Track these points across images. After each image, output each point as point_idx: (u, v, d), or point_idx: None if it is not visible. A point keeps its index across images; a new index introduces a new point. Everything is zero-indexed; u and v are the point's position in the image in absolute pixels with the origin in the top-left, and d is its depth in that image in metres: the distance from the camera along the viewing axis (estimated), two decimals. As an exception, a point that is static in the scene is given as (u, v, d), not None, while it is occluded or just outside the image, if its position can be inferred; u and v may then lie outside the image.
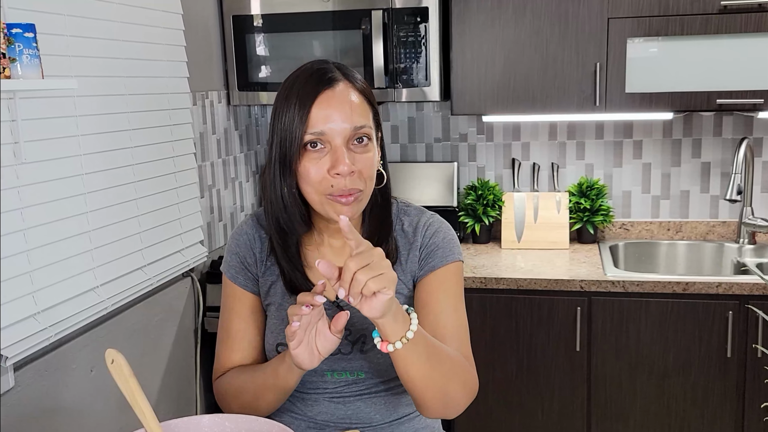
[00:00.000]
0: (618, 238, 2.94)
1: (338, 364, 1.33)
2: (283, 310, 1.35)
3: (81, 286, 1.83)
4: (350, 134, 1.22)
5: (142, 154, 2.10)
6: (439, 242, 1.37)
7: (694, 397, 2.41)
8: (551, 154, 2.97)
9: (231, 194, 2.77)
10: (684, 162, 2.88)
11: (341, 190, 1.21)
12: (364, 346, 1.33)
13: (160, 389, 2.26)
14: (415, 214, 1.41)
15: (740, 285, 2.31)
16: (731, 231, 2.86)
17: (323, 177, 1.22)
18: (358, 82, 1.28)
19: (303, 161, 1.22)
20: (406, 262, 1.37)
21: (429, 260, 1.35)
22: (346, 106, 1.23)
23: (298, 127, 1.21)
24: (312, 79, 1.24)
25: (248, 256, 1.38)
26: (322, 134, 1.21)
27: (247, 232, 1.40)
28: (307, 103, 1.22)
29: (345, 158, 1.20)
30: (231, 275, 1.40)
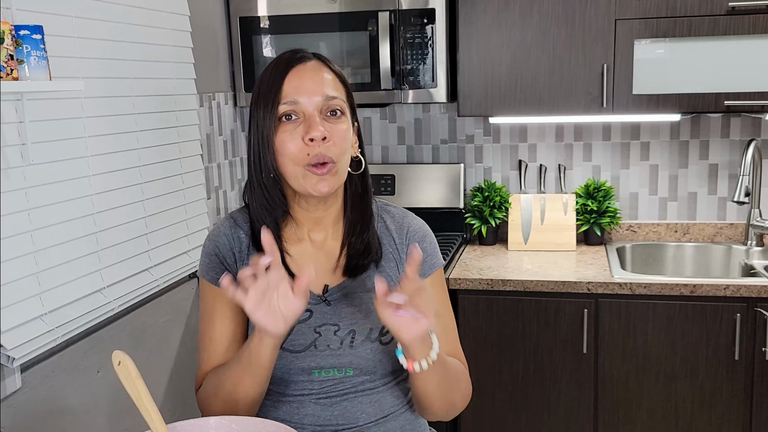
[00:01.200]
0: (625, 239, 2.94)
1: (326, 361, 1.32)
2: None
3: (88, 287, 1.84)
4: (322, 104, 1.26)
5: (149, 156, 2.10)
6: (428, 249, 1.41)
7: (702, 399, 2.40)
8: (558, 155, 2.96)
9: (237, 195, 2.77)
10: (691, 164, 2.87)
11: (316, 156, 1.24)
12: (353, 341, 1.32)
13: (167, 390, 2.26)
14: (398, 214, 1.43)
15: (748, 287, 2.30)
16: (739, 233, 2.85)
17: (300, 147, 1.25)
18: (332, 65, 1.32)
19: (279, 134, 1.26)
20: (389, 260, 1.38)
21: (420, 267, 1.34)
22: (317, 77, 1.27)
23: (271, 101, 1.25)
24: (284, 58, 1.30)
25: (228, 256, 1.36)
26: (295, 103, 1.25)
27: (225, 233, 1.38)
28: (279, 79, 1.27)
29: (318, 125, 1.24)
30: (210, 277, 1.36)
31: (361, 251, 1.35)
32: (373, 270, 1.36)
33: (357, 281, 1.35)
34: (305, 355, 1.31)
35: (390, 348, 1.33)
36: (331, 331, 1.32)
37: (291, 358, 1.31)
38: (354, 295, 1.34)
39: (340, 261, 1.36)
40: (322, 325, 1.32)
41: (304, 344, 1.31)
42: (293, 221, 1.37)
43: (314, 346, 1.31)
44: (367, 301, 1.33)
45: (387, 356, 1.33)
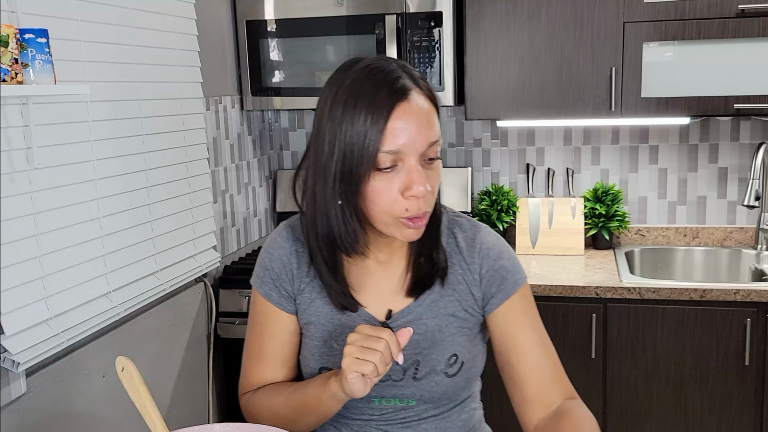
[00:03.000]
0: (634, 244, 2.91)
1: (388, 391, 1.25)
2: (326, 331, 1.26)
3: (93, 291, 1.83)
4: (425, 150, 1.11)
5: (155, 159, 2.10)
6: (507, 265, 1.26)
7: (712, 405, 2.37)
8: (566, 159, 2.94)
9: (244, 199, 2.76)
10: (701, 167, 2.85)
11: (416, 213, 1.12)
12: (417, 373, 1.24)
13: (173, 395, 2.25)
14: (470, 228, 1.29)
15: (759, 292, 2.28)
16: (749, 237, 2.82)
17: (395, 199, 1.11)
18: (425, 87, 1.15)
19: (372, 181, 1.10)
20: (458, 283, 1.26)
21: (502, 288, 1.25)
22: (422, 119, 1.11)
23: (370, 144, 1.08)
24: (383, 87, 1.10)
25: (283, 272, 1.27)
26: (397, 152, 1.09)
27: (282, 246, 1.28)
28: (381, 117, 1.08)
29: (421, 178, 1.10)
30: (264, 292, 1.29)
31: (429, 271, 1.25)
32: (438, 288, 1.25)
33: (422, 306, 1.25)
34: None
35: (457, 380, 1.25)
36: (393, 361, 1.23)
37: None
38: (419, 322, 1.24)
39: (404, 281, 1.26)
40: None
41: None
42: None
43: None
44: (433, 328, 1.24)
45: (453, 388, 1.26)
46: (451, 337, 1.25)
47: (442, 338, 1.24)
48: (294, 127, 3.11)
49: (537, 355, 1.24)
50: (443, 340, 1.24)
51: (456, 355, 1.24)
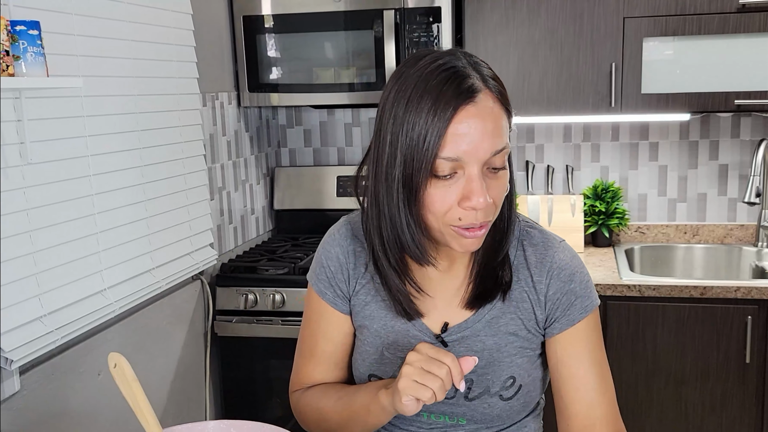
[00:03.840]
0: (634, 241, 2.90)
1: (438, 407, 1.19)
2: (379, 338, 1.20)
3: (88, 288, 1.81)
4: (488, 159, 1.02)
5: (151, 156, 2.08)
6: (578, 289, 1.16)
7: (713, 403, 2.36)
8: (566, 156, 2.93)
9: (241, 196, 2.74)
10: (701, 164, 2.83)
11: (471, 224, 1.04)
12: (469, 392, 1.17)
13: (170, 393, 2.23)
14: (542, 243, 1.19)
15: (759, 289, 2.26)
16: (749, 234, 2.80)
17: (450, 207, 1.03)
18: (495, 87, 1.05)
19: (429, 188, 1.03)
20: (522, 300, 1.18)
21: (568, 313, 1.16)
22: (489, 124, 1.02)
23: (429, 149, 1.00)
24: (449, 87, 1.01)
25: (339, 272, 1.22)
26: (458, 159, 1.01)
27: (341, 244, 1.23)
28: (442, 120, 1.00)
29: (481, 190, 1.02)
30: (319, 289, 1.24)
31: (492, 284, 1.17)
32: (499, 304, 1.17)
33: (481, 322, 1.17)
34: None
35: (512, 404, 1.18)
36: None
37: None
38: (476, 338, 1.17)
39: (464, 292, 1.18)
40: None
41: None
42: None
43: None
44: (491, 347, 1.16)
45: (507, 411, 1.18)
46: (510, 358, 1.17)
47: (500, 358, 1.16)
48: (292, 124, 3.09)
49: (592, 390, 1.15)
50: (501, 360, 1.16)
51: (514, 378, 1.17)
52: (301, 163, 3.10)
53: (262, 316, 2.44)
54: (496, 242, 1.15)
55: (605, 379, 1.18)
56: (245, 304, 2.43)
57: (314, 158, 3.09)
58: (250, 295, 2.43)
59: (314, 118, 3.07)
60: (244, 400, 2.53)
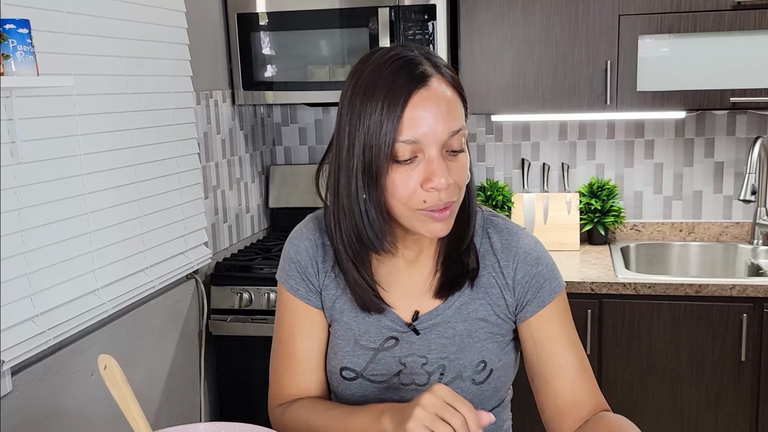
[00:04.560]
0: (629, 239, 2.89)
1: (410, 395, 1.18)
2: (350, 330, 1.21)
3: (81, 288, 1.80)
4: (446, 140, 1.05)
5: (144, 154, 2.07)
6: (545, 272, 1.21)
7: (708, 401, 2.35)
8: (561, 154, 2.92)
9: (236, 195, 2.73)
10: (696, 162, 2.82)
11: (434, 205, 1.06)
12: (442, 378, 1.18)
13: (164, 393, 2.22)
14: (505, 230, 1.23)
15: (755, 287, 2.26)
16: (745, 232, 2.80)
17: (413, 191, 1.05)
18: (447, 74, 1.09)
19: (391, 174, 1.05)
20: (491, 286, 1.20)
21: (538, 295, 1.19)
22: (442, 107, 1.05)
23: (387, 134, 1.03)
24: (401, 74, 1.05)
25: (309, 265, 1.22)
26: (416, 142, 1.04)
27: (308, 238, 1.23)
28: (397, 106, 1.03)
29: (442, 170, 1.04)
30: (290, 286, 1.23)
31: (458, 272, 1.19)
32: (468, 290, 1.20)
33: (451, 309, 1.19)
34: (387, 387, 1.20)
35: (484, 388, 1.20)
36: (418, 364, 1.18)
37: (372, 388, 1.20)
38: (447, 324, 1.19)
39: (432, 282, 1.20)
40: (409, 355, 1.19)
41: (386, 375, 1.20)
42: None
43: (398, 378, 1.19)
44: (461, 332, 1.19)
45: (480, 397, 1.20)
46: (481, 343, 1.19)
47: (471, 343, 1.19)
48: (287, 122, 3.08)
49: (573, 367, 1.18)
50: (472, 345, 1.19)
51: (485, 362, 1.19)
52: (296, 161, 3.09)
53: (257, 315, 2.43)
54: (460, 230, 1.17)
55: (583, 356, 1.21)
56: (240, 303, 2.43)
57: (309, 156, 3.08)
58: (245, 294, 2.43)
59: (309, 116, 3.06)
60: (239, 400, 2.52)
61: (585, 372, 1.19)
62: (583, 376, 1.19)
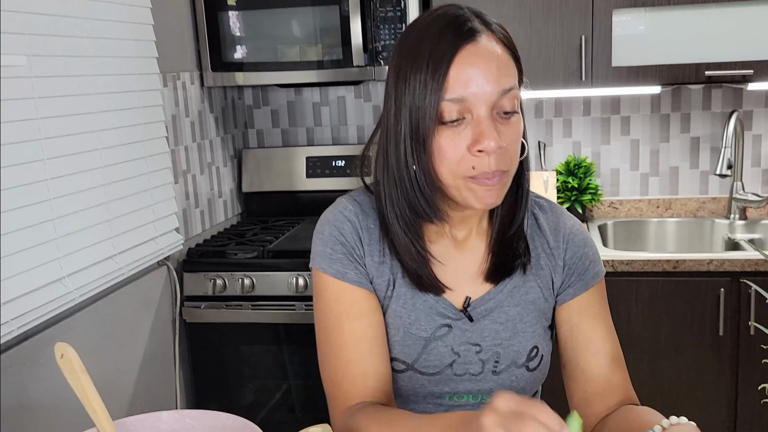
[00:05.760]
0: (606, 216, 2.88)
1: (463, 386, 1.12)
2: (400, 318, 1.12)
3: (46, 276, 1.75)
4: (496, 100, 0.99)
5: (110, 138, 2.01)
6: (591, 254, 1.16)
7: (687, 377, 2.35)
8: (538, 132, 2.89)
9: (208, 180, 2.68)
10: (673, 137, 2.81)
11: (484, 172, 0.99)
12: (497, 365, 1.12)
13: (137, 382, 2.18)
14: (551, 211, 1.18)
15: (732, 261, 2.25)
16: (722, 207, 2.79)
17: (462, 156, 0.99)
18: (498, 31, 1.03)
19: (438, 137, 0.99)
20: (540, 268, 1.15)
21: (582, 277, 1.15)
22: (492, 64, 0.98)
23: (433, 93, 0.97)
24: (448, 31, 0.99)
25: (357, 247, 1.12)
26: (463, 101, 0.98)
27: (351, 221, 1.13)
28: (443, 62, 0.97)
29: (491, 131, 0.98)
30: (336, 271, 1.11)
31: (510, 254, 1.13)
32: (520, 276, 1.14)
33: (504, 293, 1.14)
34: (439, 379, 1.12)
35: (536, 375, 1.15)
36: (472, 352, 1.12)
37: (422, 381, 1.12)
38: (500, 309, 1.13)
39: (483, 265, 1.14)
40: (462, 344, 1.12)
41: (439, 366, 1.12)
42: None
43: (451, 369, 1.12)
44: (515, 317, 1.13)
45: (531, 383, 1.15)
46: (533, 328, 1.14)
47: (524, 328, 1.14)
48: (258, 104, 3.02)
49: (608, 355, 1.14)
50: (525, 330, 1.14)
51: (537, 347, 1.14)
52: (269, 144, 3.04)
53: (232, 302, 2.39)
54: (513, 210, 1.12)
55: (617, 346, 1.16)
56: (213, 289, 2.38)
57: (283, 139, 3.03)
58: (219, 280, 2.38)
59: (281, 98, 3.00)
60: (215, 387, 2.48)
61: (618, 362, 1.15)
62: (617, 366, 1.14)
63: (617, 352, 1.16)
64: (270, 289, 2.36)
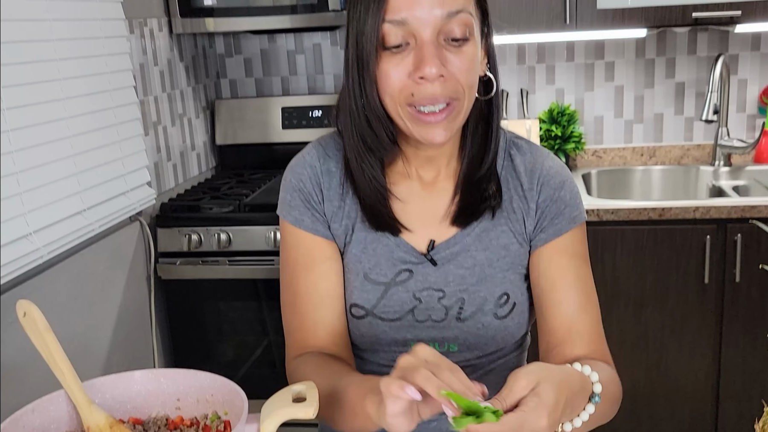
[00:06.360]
0: (590, 165, 2.83)
1: (426, 333, 1.08)
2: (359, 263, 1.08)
3: (11, 233, 1.66)
4: (442, 24, 0.93)
5: (74, 87, 1.90)
6: (567, 198, 1.08)
7: (672, 325, 2.33)
8: (520, 79, 2.81)
9: (179, 132, 2.58)
10: (657, 83, 2.75)
11: (424, 98, 0.94)
12: (461, 312, 1.07)
13: (113, 341, 2.11)
14: (530, 151, 1.11)
15: (718, 208, 2.22)
16: (706, 154, 2.75)
17: (403, 83, 0.95)
18: None
19: (381, 64, 0.95)
20: (512, 211, 1.09)
21: (555, 221, 1.07)
22: None
23: (374, 15, 0.93)
24: None
25: (314, 193, 1.09)
26: (405, 23, 0.93)
27: (312, 165, 1.10)
28: None
29: (432, 57, 0.93)
30: (293, 218, 1.09)
31: (479, 197, 1.07)
32: (489, 219, 1.08)
33: (471, 237, 1.08)
34: (400, 325, 1.08)
35: (507, 324, 1.08)
36: (435, 298, 1.08)
37: (383, 327, 1.08)
38: (466, 254, 1.08)
39: (451, 207, 1.09)
40: (424, 289, 1.08)
41: (399, 312, 1.08)
42: (400, 154, 1.08)
43: (412, 315, 1.08)
44: (482, 262, 1.07)
45: (502, 332, 1.09)
46: (503, 274, 1.08)
47: (493, 274, 1.08)
48: (231, 52, 2.90)
49: (573, 306, 1.06)
50: (494, 276, 1.08)
51: (507, 294, 1.08)
52: (242, 94, 2.93)
53: (208, 257, 2.32)
54: (481, 150, 1.07)
55: (589, 297, 1.08)
56: (189, 245, 2.30)
57: (257, 89, 2.92)
58: (194, 236, 2.30)
59: (254, 46, 2.89)
60: (194, 346, 2.42)
61: (587, 314, 1.07)
62: (584, 318, 1.07)
63: (584, 301, 1.07)
64: (247, 243, 2.29)
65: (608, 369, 1.03)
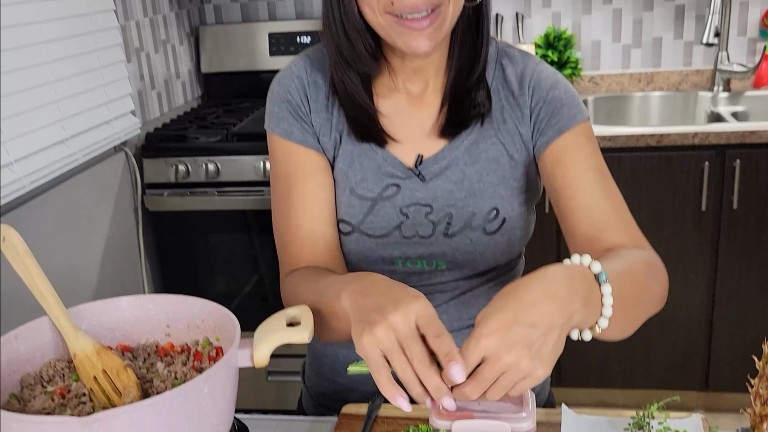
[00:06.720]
0: (587, 92, 2.76)
1: (413, 250, 1.05)
2: (346, 178, 1.06)
3: (-11, 162, 1.60)
4: None
5: (50, 10, 1.81)
6: (563, 97, 1.03)
7: (669, 253, 2.31)
8: (516, 3, 2.72)
9: (163, 59, 2.48)
10: (657, 5, 2.66)
11: (405, 6, 0.90)
12: (449, 228, 1.04)
13: (101, 273, 2.07)
14: (522, 61, 1.06)
15: (717, 134, 2.17)
16: (705, 79, 2.69)
17: None
18: None
19: None
20: (503, 122, 1.05)
21: (552, 122, 1.02)
22: None
23: None
24: None
25: (302, 104, 1.06)
26: None
27: (298, 76, 1.07)
28: None
29: None
30: (282, 130, 1.05)
31: (467, 105, 1.03)
32: (478, 128, 1.04)
33: (460, 150, 1.04)
34: (387, 242, 1.06)
35: (497, 239, 1.05)
36: (422, 214, 1.05)
37: (370, 244, 1.06)
38: (455, 168, 1.04)
39: (438, 119, 1.05)
40: (411, 205, 1.05)
41: (386, 228, 1.05)
42: (386, 67, 1.05)
43: (399, 231, 1.05)
44: (471, 176, 1.04)
45: (492, 249, 1.05)
46: (493, 188, 1.04)
47: (482, 188, 1.04)
48: (215, -24, 2.79)
49: (590, 195, 0.98)
50: (483, 190, 1.04)
51: (497, 209, 1.04)
52: (228, 20, 2.82)
53: (196, 188, 2.26)
54: (469, 59, 1.02)
55: (606, 186, 1.00)
56: (176, 175, 2.24)
57: (242, 14, 2.82)
58: (181, 166, 2.24)
59: (240, -30, 2.77)
60: (184, 278, 2.39)
61: (608, 202, 0.98)
62: (605, 207, 0.98)
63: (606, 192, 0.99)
64: (236, 174, 2.23)
65: (636, 252, 0.94)
